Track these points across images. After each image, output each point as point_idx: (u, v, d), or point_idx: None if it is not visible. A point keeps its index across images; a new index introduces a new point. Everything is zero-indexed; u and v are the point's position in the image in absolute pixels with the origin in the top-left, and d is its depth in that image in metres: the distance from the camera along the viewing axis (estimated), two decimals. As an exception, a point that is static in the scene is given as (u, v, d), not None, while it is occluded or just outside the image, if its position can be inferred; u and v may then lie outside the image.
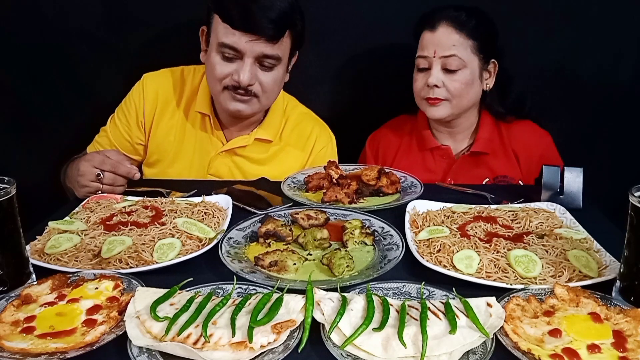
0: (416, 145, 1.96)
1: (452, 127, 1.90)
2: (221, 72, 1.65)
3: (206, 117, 1.82)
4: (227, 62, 1.64)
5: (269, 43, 1.60)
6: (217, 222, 1.36)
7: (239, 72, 1.62)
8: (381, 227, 1.33)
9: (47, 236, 1.26)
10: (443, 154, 1.92)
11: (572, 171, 1.52)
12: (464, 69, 1.75)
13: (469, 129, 1.92)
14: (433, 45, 1.75)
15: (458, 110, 1.81)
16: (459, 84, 1.75)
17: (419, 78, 1.82)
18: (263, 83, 1.67)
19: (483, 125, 1.89)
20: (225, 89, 1.67)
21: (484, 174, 1.87)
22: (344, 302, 0.97)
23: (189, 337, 0.89)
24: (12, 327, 0.94)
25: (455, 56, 1.73)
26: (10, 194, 1.05)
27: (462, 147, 1.93)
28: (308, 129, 1.91)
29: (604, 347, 0.88)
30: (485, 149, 1.87)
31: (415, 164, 1.92)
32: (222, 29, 1.61)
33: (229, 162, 1.85)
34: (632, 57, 2.11)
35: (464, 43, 1.73)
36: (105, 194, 1.52)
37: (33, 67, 2.12)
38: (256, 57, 1.62)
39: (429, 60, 1.76)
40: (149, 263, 1.16)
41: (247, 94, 1.67)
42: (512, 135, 1.90)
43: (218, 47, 1.63)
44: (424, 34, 1.78)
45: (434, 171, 1.91)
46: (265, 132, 1.84)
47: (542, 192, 1.51)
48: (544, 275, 1.11)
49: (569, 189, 1.50)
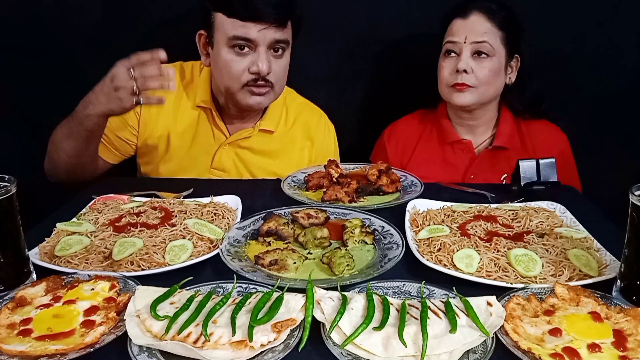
0: (436, 139, 1.96)
1: (474, 119, 1.90)
2: (237, 68, 1.66)
3: (207, 110, 1.82)
4: (241, 57, 1.65)
5: (279, 28, 1.63)
6: (227, 223, 1.35)
7: (257, 63, 1.64)
8: (381, 226, 1.33)
9: (55, 238, 1.25)
10: (464, 148, 1.92)
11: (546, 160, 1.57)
12: (493, 57, 1.77)
13: (489, 123, 1.93)
14: (464, 32, 1.76)
15: (483, 99, 1.82)
16: (487, 70, 1.77)
17: (445, 65, 1.82)
18: (276, 71, 1.69)
19: (503, 121, 1.90)
20: (245, 86, 1.68)
21: (503, 169, 1.86)
22: (344, 301, 0.97)
23: (189, 336, 0.89)
24: (9, 330, 0.93)
25: (487, 42, 1.75)
26: (11, 192, 1.05)
27: (482, 142, 1.93)
28: (310, 118, 1.95)
29: (604, 347, 0.88)
30: (506, 144, 1.87)
31: (435, 158, 1.93)
32: (229, 24, 1.62)
33: (233, 155, 1.85)
34: (632, 56, 2.11)
35: (495, 32, 1.76)
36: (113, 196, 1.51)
37: (33, 66, 2.12)
38: (269, 45, 1.64)
39: (459, 45, 1.77)
40: (161, 265, 1.15)
41: (266, 84, 1.68)
42: (532, 133, 1.90)
43: (229, 42, 1.64)
44: (454, 21, 1.80)
45: (454, 165, 1.92)
46: (268, 122, 1.86)
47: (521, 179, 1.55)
48: (544, 274, 1.11)
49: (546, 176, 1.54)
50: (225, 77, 1.71)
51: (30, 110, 2.18)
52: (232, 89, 1.71)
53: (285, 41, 1.68)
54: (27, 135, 2.17)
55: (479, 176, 1.87)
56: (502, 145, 1.87)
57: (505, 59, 1.81)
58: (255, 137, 1.85)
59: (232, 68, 1.66)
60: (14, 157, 2.15)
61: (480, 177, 1.86)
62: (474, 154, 1.92)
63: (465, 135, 1.93)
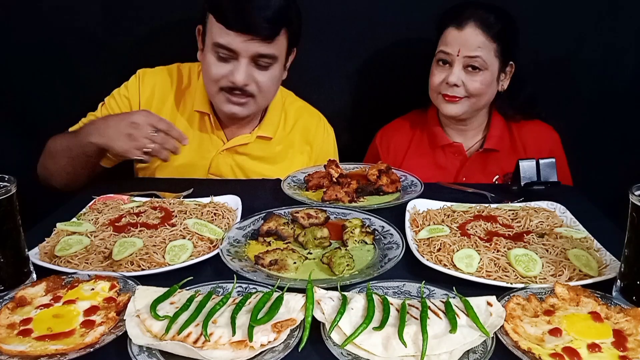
0: (427, 142, 1.96)
1: (464, 125, 1.91)
2: (216, 73, 1.64)
3: (205, 116, 1.81)
4: (222, 63, 1.63)
5: (264, 42, 1.59)
6: (227, 223, 1.35)
7: (234, 73, 1.61)
8: (381, 226, 1.33)
9: (55, 238, 1.25)
10: (455, 151, 1.92)
11: (546, 160, 1.57)
12: (485, 70, 1.75)
13: (479, 127, 1.93)
14: (458, 44, 1.74)
15: (474, 108, 1.82)
16: (479, 84, 1.76)
17: (437, 72, 1.81)
18: (259, 83, 1.66)
19: (494, 124, 1.90)
20: (221, 90, 1.66)
21: (494, 171, 1.88)
22: (344, 301, 0.97)
23: (189, 336, 0.89)
24: (9, 330, 0.93)
25: (480, 58, 1.73)
26: (11, 192, 1.05)
27: (473, 145, 1.93)
28: (309, 122, 1.93)
29: (604, 347, 0.88)
30: (496, 146, 1.88)
31: (426, 161, 1.93)
32: (216, 29, 1.60)
33: (230, 161, 1.84)
34: (631, 56, 2.11)
35: (489, 46, 1.74)
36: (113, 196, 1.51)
37: (33, 67, 2.12)
38: (252, 57, 1.61)
39: (452, 57, 1.76)
40: (161, 265, 1.15)
41: (243, 94, 1.66)
42: (522, 134, 1.91)
43: (213, 47, 1.62)
44: (449, 30, 1.77)
45: (445, 168, 1.92)
46: (266, 129, 1.84)
47: (521, 179, 1.55)
48: (544, 274, 1.11)
49: (546, 176, 1.54)
50: (205, 78, 1.70)
51: (30, 110, 2.18)
52: (210, 91, 1.70)
53: (270, 56, 1.62)
54: (27, 135, 2.17)
55: (470, 178, 1.88)
56: (493, 148, 1.88)
57: (498, 69, 1.79)
58: (253, 144, 1.84)
59: (211, 71, 1.64)
60: (14, 157, 2.15)
61: (471, 179, 1.87)
62: (465, 157, 1.92)
63: (456, 139, 1.93)
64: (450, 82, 1.76)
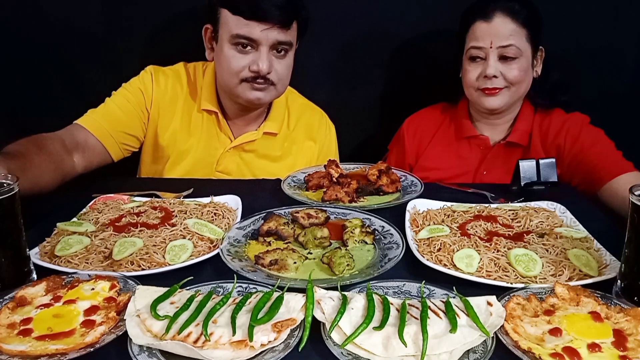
0: (453, 133, 1.96)
1: (498, 118, 1.89)
2: (237, 64, 1.67)
3: (213, 114, 1.83)
4: (242, 55, 1.66)
5: (282, 29, 1.64)
6: (227, 223, 1.35)
7: (258, 62, 1.65)
8: (381, 226, 1.33)
9: (55, 238, 1.25)
10: (480, 143, 1.91)
11: (546, 160, 1.58)
12: (521, 57, 1.75)
13: (509, 120, 1.91)
14: (489, 36, 1.74)
15: (514, 98, 1.81)
16: (517, 71, 1.75)
17: (471, 69, 1.80)
18: (278, 71, 1.70)
19: (521, 117, 1.88)
20: (244, 82, 1.69)
21: None
22: (345, 301, 0.97)
23: (189, 335, 0.89)
24: (9, 330, 0.93)
25: (513, 45, 1.73)
26: (13, 191, 1.05)
27: (500, 138, 1.92)
28: (312, 119, 1.95)
29: (604, 346, 0.88)
30: (521, 140, 1.86)
31: (449, 151, 1.93)
32: (233, 21, 1.63)
33: (238, 159, 1.86)
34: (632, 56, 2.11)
35: (520, 32, 1.73)
36: (113, 195, 1.50)
37: (33, 66, 2.12)
38: (271, 45, 1.65)
39: (485, 51, 1.75)
40: (161, 265, 1.15)
41: (265, 82, 1.69)
42: (551, 127, 1.85)
43: (232, 39, 1.65)
44: (477, 25, 1.77)
45: (466, 159, 1.91)
46: (271, 125, 1.87)
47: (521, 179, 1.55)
48: (544, 274, 1.11)
49: (546, 176, 1.55)
50: (225, 72, 1.71)
51: (30, 110, 2.18)
52: (231, 84, 1.71)
53: (288, 42, 1.68)
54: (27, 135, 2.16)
55: (491, 171, 1.87)
56: (516, 142, 1.86)
57: (531, 55, 1.79)
58: (259, 141, 1.86)
59: (232, 64, 1.67)
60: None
61: (492, 172, 1.86)
62: (489, 149, 1.91)
63: (484, 132, 1.92)
64: (488, 75, 1.74)
